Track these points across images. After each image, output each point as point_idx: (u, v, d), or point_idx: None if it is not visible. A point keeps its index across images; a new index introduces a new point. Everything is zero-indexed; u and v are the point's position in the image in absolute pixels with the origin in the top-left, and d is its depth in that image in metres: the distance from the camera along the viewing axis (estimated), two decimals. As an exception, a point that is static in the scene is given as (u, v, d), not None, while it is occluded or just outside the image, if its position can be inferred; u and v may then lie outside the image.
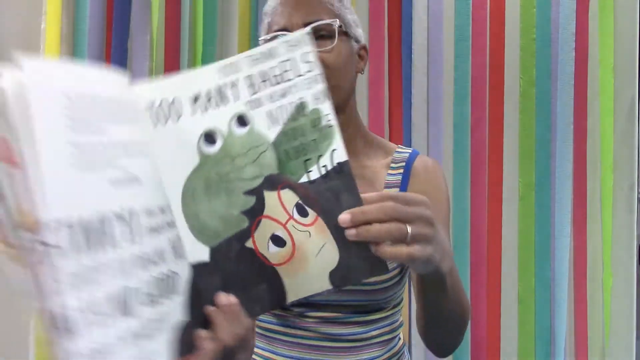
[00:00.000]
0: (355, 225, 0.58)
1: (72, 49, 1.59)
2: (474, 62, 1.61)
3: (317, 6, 0.92)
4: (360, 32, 0.98)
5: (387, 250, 0.58)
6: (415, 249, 0.58)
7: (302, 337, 0.93)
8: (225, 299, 0.59)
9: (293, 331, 0.93)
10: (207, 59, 1.63)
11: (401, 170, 0.95)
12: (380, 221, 0.58)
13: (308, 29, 0.65)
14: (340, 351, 0.92)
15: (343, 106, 0.94)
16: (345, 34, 0.93)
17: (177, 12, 1.62)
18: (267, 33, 0.93)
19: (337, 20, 0.91)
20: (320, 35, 0.90)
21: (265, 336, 0.96)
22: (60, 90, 0.46)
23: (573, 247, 1.61)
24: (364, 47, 0.98)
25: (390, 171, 0.96)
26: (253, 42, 1.66)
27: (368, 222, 0.58)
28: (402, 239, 0.58)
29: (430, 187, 0.94)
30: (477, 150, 1.61)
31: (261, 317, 0.96)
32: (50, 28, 1.56)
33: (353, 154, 0.94)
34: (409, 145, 1.61)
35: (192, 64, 1.62)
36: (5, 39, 1.56)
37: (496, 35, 1.62)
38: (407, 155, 0.97)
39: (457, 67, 1.62)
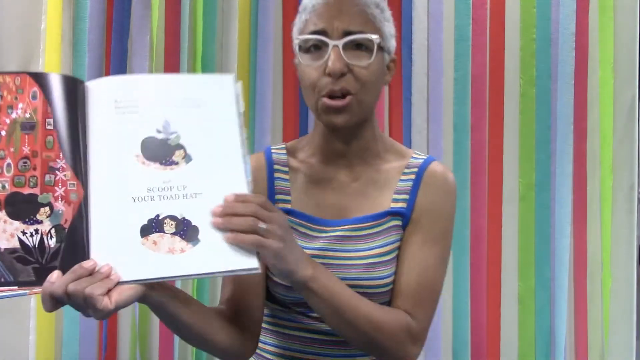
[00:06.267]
0: (222, 216, 0.70)
1: (72, 49, 1.59)
2: (474, 62, 1.61)
3: (360, 16, 0.87)
4: (394, 44, 0.93)
5: (239, 237, 0.69)
6: (264, 240, 0.70)
7: (304, 329, 0.95)
8: None
9: (295, 325, 0.95)
10: (207, 59, 1.63)
11: (413, 177, 0.95)
12: (242, 216, 0.70)
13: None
14: (341, 345, 0.94)
15: (366, 118, 0.93)
16: (381, 49, 0.89)
17: (177, 12, 1.62)
18: (303, 32, 0.89)
19: (378, 36, 0.87)
20: (357, 46, 0.87)
21: (272, 330, 0.98)
22: None
23: (573, 247, 1.61)
24: (393, 60, 0.95)
25: (402, 177, 0.95)
26: (253, 42, 1.66)
27: (233, 215, 0.70)
28: (255, 231, 0.70)
29: (437, 198, 0.94)
30: (477, 150, 1.61)
31: (268, 312, 1.00)
32: (50, 28, 1.56)
33: (370, 158, 0.96)
34: (408, 145, 1.62)
35: (192, 64, 1.63)
36: (5, 39, 1.56)
37: (496, 35, 1.62)
38: (421, 161, 0.97)
39: (457, 67, 1.62)
